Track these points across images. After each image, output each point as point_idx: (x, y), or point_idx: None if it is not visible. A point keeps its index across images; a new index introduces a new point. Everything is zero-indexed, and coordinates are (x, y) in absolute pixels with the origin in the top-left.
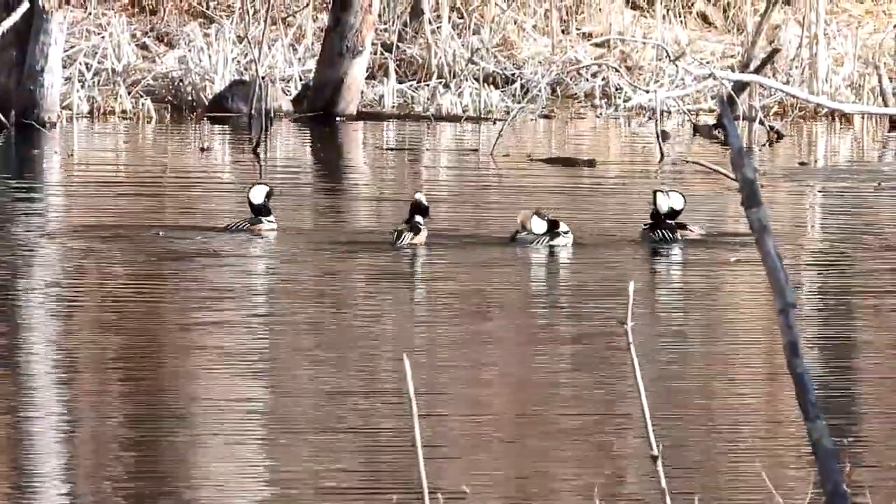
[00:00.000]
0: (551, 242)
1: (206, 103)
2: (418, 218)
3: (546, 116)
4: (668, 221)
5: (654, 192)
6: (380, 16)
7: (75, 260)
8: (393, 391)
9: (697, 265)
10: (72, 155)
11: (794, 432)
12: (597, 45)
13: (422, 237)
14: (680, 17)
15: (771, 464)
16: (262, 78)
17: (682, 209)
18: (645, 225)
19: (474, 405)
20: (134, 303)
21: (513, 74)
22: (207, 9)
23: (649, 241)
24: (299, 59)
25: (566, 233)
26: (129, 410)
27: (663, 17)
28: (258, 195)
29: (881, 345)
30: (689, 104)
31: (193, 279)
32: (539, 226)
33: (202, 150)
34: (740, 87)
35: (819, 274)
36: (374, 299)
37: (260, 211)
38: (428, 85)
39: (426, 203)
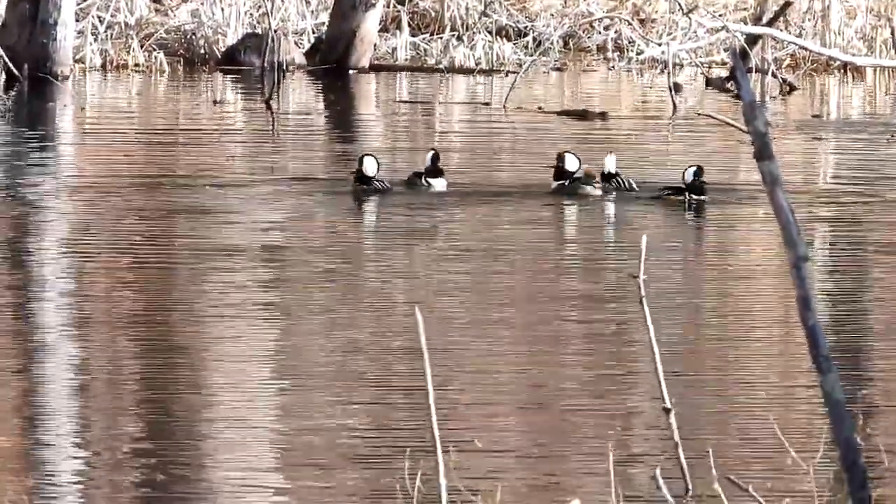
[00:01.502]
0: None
1: (219, 56)
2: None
3: (558, 69)
4: (576, 177)
5: (562, 153)
6: None
7: (88, 212)
8: (407, 345)
9: (710, 220)
10: (84, 108)
11: (807, 385)
12: None
13: None
14: None
15: (784, 417)
16: (275, 31)
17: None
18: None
19: (487, 359)
20: (146, 256)
21: (525, 27)
22: None
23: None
24: (312, 11)
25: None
26: (142, 366)
27: None
28: (429, 159)
29: (893, 297)
30: (701, 57)
31: (207, 234)
32: (572, 163)
33: (215, 102)
34: (753, 39)
35: (831, 227)
36: (388, 252)
37: (433, 173)
38: (441, 38)
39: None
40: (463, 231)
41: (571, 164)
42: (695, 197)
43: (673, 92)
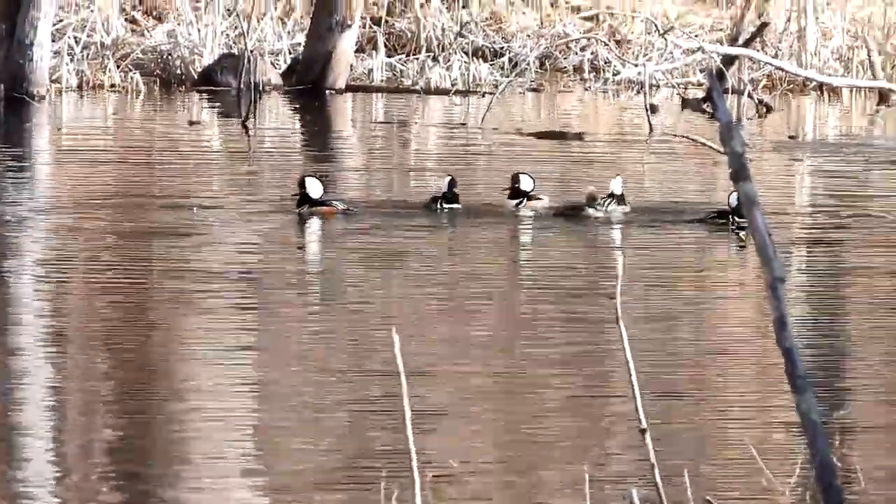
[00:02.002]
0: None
1: (196, 77)
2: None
3: (535, 90)
4: (530, 195)
5: (517, 174)
6: None
7: (64, 233)
8: (384, 368)
9: (686, 242)
10: (61, 128)
11: (784, 406)
12: (586, 18)
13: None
14: None
15: (760, 438)
16: (252, 51)
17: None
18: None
19: (464, 381)
20: (122, 278)
21: (501, 48)
22: None
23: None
24: (288, 32)
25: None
26: (117, 389)
27: None
28: (444, 184)
29: (869, 319)
30: (677, 78)
31: (184, 256)
32: (527, 183)
33: (191, 123)
34: (729, 60)
35: (808, 248)
36: (364, 274)
37: (450, 198)
38: (417, 58)
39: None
40: (434, 250)
41: (526, 184)
42: (739, 220)
43: (649, 113)
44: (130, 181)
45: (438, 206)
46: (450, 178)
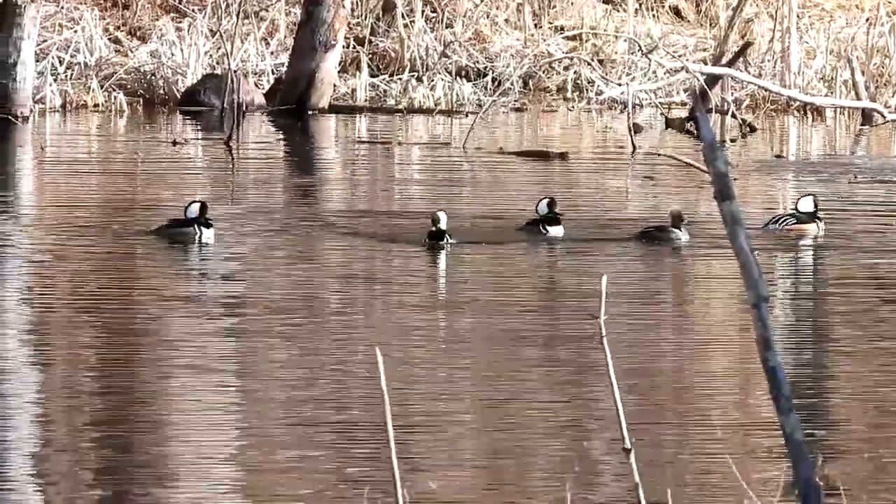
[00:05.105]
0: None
1: (179, 97)
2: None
3: (518, 109)
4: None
5: (435, 212)
6: (352, 10)
7: (47, 254)
8: (367, 386)
9: (673, 260)
10: (44, 148)
11: (768, 426)
12: (569, 38)
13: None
14: (652, 10)
15: (743, 458)
16: (235, 71)
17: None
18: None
19: (449, 400)
20: (105, 299)
21: (485, 68)
22: (180, 3)
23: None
24: (272, 52)
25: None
26: (100, 411)
27: (635, 10)
28: (546, 205)
29: (854, 337)
30: (661, 97)
31: (167, 276)
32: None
33: (174, 143)
34: (713, 80)
35: (792, 267)
36: (345, 294)
37: (551, 220)
38: (401, 78)
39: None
40: (415, 271)
41: (444, 222)
42: None
43: (632, 132)
44: (114, 202)
45: (542, 229)
46: (549, 199)
